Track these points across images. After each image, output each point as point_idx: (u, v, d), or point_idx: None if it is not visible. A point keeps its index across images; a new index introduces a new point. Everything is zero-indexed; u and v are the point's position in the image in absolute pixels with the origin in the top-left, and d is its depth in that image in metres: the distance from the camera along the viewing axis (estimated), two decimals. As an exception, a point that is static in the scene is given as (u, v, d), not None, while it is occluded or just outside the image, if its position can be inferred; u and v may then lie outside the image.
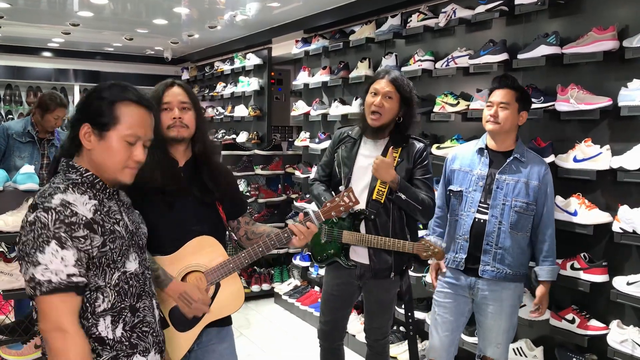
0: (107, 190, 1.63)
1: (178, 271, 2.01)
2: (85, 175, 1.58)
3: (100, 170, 1.59)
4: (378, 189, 2.69)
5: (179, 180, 2.05)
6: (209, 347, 2.10)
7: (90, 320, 1.54)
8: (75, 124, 1.58)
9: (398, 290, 2.89)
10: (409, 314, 2.93)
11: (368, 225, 2.71)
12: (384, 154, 2.71)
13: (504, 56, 3.20)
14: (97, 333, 1.55)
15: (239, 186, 5.84)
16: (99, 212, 1.55)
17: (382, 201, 2.68)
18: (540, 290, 2.67)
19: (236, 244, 2.28)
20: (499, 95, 2.62)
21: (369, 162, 2.71)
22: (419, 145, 2.75)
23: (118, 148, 1.57)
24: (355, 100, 4.43)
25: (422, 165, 2.73)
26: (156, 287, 1.85)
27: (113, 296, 1.56)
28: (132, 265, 1.63)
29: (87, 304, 1.53)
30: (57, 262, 1.43)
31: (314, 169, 4.59)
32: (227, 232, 2.23)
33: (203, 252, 2.02)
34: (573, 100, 2.80)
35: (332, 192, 2.89)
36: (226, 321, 2.14)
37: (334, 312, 2.91)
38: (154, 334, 1.68)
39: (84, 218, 1.49)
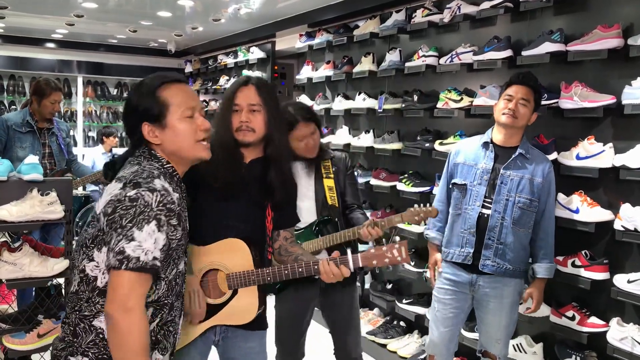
0: (182, 185, 1.65)
1: (203, 264, 2.00)
2: (165, 166, 1.62)
3: (177, 156, 1.63)
4: (330, 195, 2.70)
5: (236, 182, 2.02)
6: (234, 344, 2.10)
7: None
8: (134, 130, 1.62)
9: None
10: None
11: (322, 232, 2.65)
12: (318, 168, 2.72)
13: (508, 53, 3.20)
14: None
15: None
16: (180, 207, 1.57)
17: (337, 205, 2.70)
18: (532, 286, 2.67)
19: (271, 257, 2.19)
20: (521, 91, 2.59)
21: (307, 179, 2.69)
22: (343, 154, 2.87)
23: (183, 127, 1.61)
24: (338, 96, 4.43)
25: (351, 172, 2.86)
26: None
27: (163, 290, 1.57)
28: (182, 264, 1.65)
29: None
30: (151, 243, 1.45)
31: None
32: (268, 239, 2.14)
33: (232, 255, 2.00)
34: (577, 97, 2.80)
35: None
36: (252, 326, 2.07)
37: (298, 336, 2.78)
38: (175, 336, 1.68)
39: (177, 208, 1.52)
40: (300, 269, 1.98)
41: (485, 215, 2.65)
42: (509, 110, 2.58)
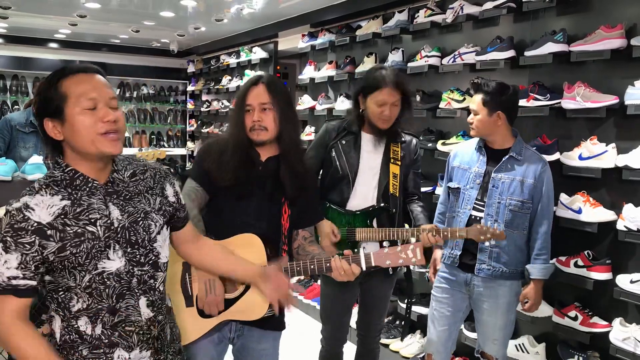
0: (90, 184, 1.56)
1: None
2: (66, 170, 1.54)
3: (83, 152, 1.53)
4: (393, 184, 2.68)
5: (250, 181, 2.05)
6: (247, 344, 2.10)
7: (68, 316, 1.55)
8: (41, 128, 1.55)
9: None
10: (409, 299, 2.95)
11: (379, 219, 2.69)
12: (387, 150, 2.72)
13: (510, 53, 3.20)
14: (76, 326, 1.54)
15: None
16: (62, 216, 1.50)
17: (397, 194, 2.70)
18: (528, 287, 2.65)
19: (286, 255, 2.17)
20: (472, 102, 2.68)
21: (373, 158, 2.71)
22: (415, 140, 2.83)
23: (81, 119, 1.49)
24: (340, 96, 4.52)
25: (418, 160, 2.84)
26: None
27: (86, 298, 1.54)
28: (113, 264, 1.55)
29: (63, 303, 1.54)
30: (0, 264, 1.45)
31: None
32: (283, 237, 2.13)
33: (246, 249, 1.99)
34: (579, 98, 2.80)
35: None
36: (270, 326, 2.09)
37: (342, 316, 2.87)
38: (141, 333, 1.62)
39: (34, 224, 1.46)
40: (312, 268, 1.98)
41: (477, 218, 2.65)
42: (470, 124, 2.69)
